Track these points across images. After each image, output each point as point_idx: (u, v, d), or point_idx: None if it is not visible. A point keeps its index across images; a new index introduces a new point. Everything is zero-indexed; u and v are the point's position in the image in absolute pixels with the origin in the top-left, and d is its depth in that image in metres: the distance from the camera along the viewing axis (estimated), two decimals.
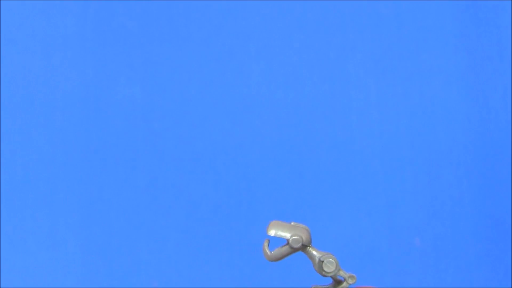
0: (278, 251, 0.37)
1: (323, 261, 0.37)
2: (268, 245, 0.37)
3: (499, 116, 0.72)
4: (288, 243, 0.36)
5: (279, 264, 0.69)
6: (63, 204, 0.67)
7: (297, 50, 0.71)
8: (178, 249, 0.68)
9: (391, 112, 0.71)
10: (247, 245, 0.68)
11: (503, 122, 0.72)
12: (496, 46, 0.73)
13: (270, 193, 0.69)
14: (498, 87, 0.72)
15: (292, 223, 0.37)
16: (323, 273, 0.37)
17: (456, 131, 0.71)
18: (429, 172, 0.71)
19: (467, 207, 0.70)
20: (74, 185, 0.68)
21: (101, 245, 0.67)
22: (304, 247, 0.37)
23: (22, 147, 0.68)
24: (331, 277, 0.37)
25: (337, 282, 0.37)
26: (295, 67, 0.71)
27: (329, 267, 0.37)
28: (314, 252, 0.37)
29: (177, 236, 0.68)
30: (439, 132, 0.71)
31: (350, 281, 0.37)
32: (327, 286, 0.38)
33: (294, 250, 0.37)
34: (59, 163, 0.68)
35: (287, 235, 0.36)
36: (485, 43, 0.73)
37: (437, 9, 0.73)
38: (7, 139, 0.68)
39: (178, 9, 0.71)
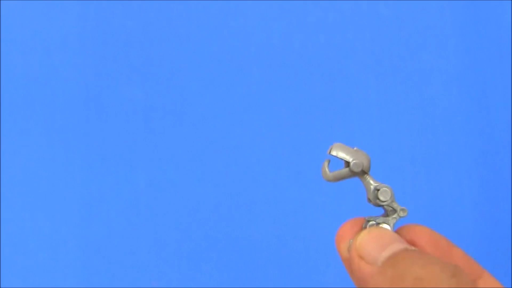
0: (338, 172, 0.37)
1: (378, 190, 0.37)
2: (328, 165, 0.37)
3: (499, 116, 0.72)
4: (348, 166, 0.37)
5: (279, 264, 0.69)
6: (63, 204, 0.67)
7: (297, 50, 0.71)
8: (178, 249, 0.68)
9: (391, 112, 0.71)
10: (247, 245, 0.68)
11: (503, 122, 0.72)
12: (496, 46, 0.73)
13: (270, 193, 0.69)
14: (498, 87, 0.72)
15: (355, 148, 0.37)
16: (378, 201, 0.37)
17: (456, 131, 0.71)
18: (429, 172, 0.71)
19: (467, 207, 0.70)
20: (74, 185, 0.68)
21: (101, 245, 0.67)
22: (362, 173, 0.37)
23: (22, 147, 0.68)
24: (383, 207, 0.37)
25: (388, 213, 0.37)
26: (295, 67, 0.71)
27: (385, 195, 0.37)
28: (371, 181, 0.37)
29: (177, 236, 0.68)
30: (439, 132, 0.71)
31: (402, 214, 0.37)
32: (379, 216, 0.37)
33: (353, 174, 0.37)
34: (59, 163, 0.68)
35: (349, 158, 0.37)
36: (485, 43, 0.73)
37: (437, 9, 0.73)
38: (7, 139, 0.68)
39: (178, 9, 0.71)
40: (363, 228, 0.36)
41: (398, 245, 0.33)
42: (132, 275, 0.67)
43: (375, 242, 0.33)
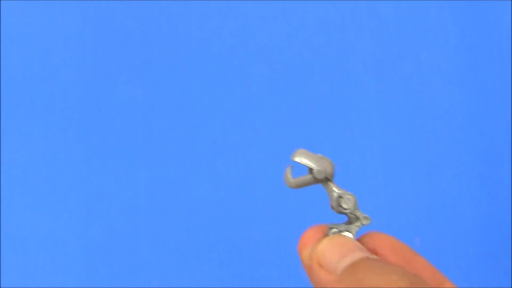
0: (301, 179, 0.37)
1: (342, 197, 0.37)
2: (291, 172, 0.36)
3: (499, 116, 0.72)
4: (312, 173, 0.36)
5: (279, 264, 0.69)
6: (63, 204, 0.67)
7: (297, 50, 0.71)
8: (178, 249, 0.68)
9: (391, 112, 0.71)
10: (247, 245, 0.68)
11: (503, 122, 0.72)
12: (496, 46, 0.73)
13: (270, 193, 0.69)
14: (498, 87, 0.72)
15: (319, 154, 0.37)
16: (340, 209, 0.37)
17: (456, 131, 0.71)
18: (429, 172, 0.71)
19: (467, 207, 0.70)
20: (74, 185, 0.68)
21: (101, 245, 0.67)
22: (325, 180, 0.37)
23: (22, 147, 0.68)
24: (346, 215, 0.37)
25: (352, 221, 0.37)
26: (295, 67, 0.71)
27: (348, 203, 0.37)
28: (334, 188, 0.37)
29: (177, 236, 0.68)
30: (439, 132, 0.71)
31: (364, 222, 0.37)
32: (342, 224, 0.37)
33: (316, 180, 0.36)
34: (59, 163, 0.68)
35: (312, 164, 0.36)
36: (485, 43, 0.73)
37: (437, 9, 0.73)
38: (7, 139, 0.68)
39: (178, 9, 0.71)
40: (325, 235, 0.36)
41: (359, 254, 0.32)
42: (132, 275, 0.67)
43: (335, 250, 0.33)
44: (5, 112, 0.68)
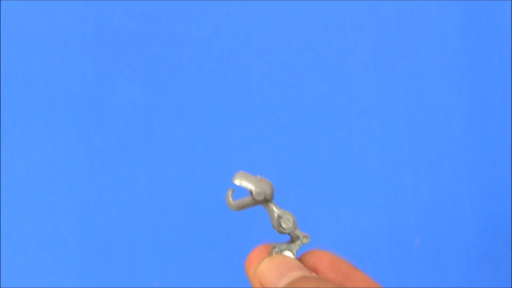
0: (241, 200, 0.38)
1: (281, 218, 0.38)
2: (232, 194, 0.38)
3: (499, 116, 0.72)
4: (251, 195, 0.38)
5: None
6: (63, 204, 0.67)
7: (297, 50, 0.71)
8: (178, 249, 0.68)
9: (391, 112, 0.71)
10: (247, 245, 0.68)
11: (503, 122, 0.72)
12: (496, 46, 0.73)
13: None
14: (498, 87, 0.72)
15: (258, 176, 0.38)
16: (280, 229, 0.38)
17: (456, 131, 0.71)
18: (429, 172, 0.71)
19: (467, 207, 0.70)
20: (74, 185, 0.68)
21: (101, 245, 0.67)
22: (265, 201, 0.38)
23: (22, 147, 0.68)
24: (288, 234, 0.38)
25: (293, 240, 0.38)
26: (295, 67, 0.71)
27: (287, 223, 0.38)
28: (274, 208, 0.38)
29: (177, 236, 0.68)
30: (439, 132, 0.71)
31: (304, 240, 0.38)
32: (284, 243, 0.38)
33: (256, 202, 0.38)
34: (59, 163, 0.68)
35: (251, 186, 0.38)
36: (485, 43, 0.73)
37: (437, 9, 0.73)
38: (7, 139, 0.68)
39: (178, 9, 0.71)
40: (269, 254, 0.37)
41: (297, 272, 0.34)
42: (132, 275, 0.67)
43: (275, 269, 0.34)
44: (5, 112, 0.68)
